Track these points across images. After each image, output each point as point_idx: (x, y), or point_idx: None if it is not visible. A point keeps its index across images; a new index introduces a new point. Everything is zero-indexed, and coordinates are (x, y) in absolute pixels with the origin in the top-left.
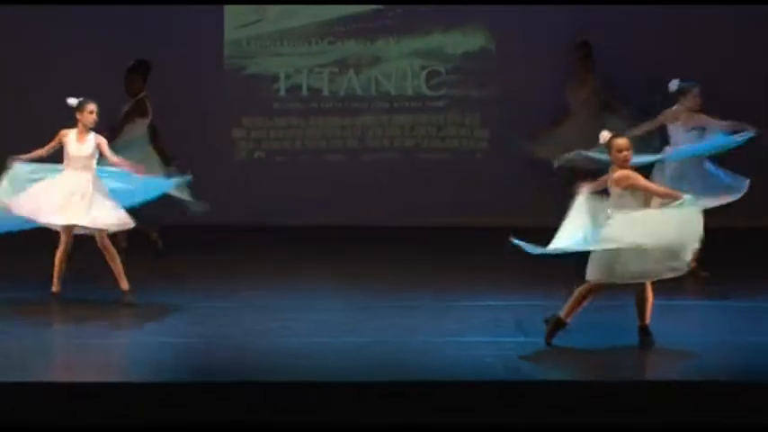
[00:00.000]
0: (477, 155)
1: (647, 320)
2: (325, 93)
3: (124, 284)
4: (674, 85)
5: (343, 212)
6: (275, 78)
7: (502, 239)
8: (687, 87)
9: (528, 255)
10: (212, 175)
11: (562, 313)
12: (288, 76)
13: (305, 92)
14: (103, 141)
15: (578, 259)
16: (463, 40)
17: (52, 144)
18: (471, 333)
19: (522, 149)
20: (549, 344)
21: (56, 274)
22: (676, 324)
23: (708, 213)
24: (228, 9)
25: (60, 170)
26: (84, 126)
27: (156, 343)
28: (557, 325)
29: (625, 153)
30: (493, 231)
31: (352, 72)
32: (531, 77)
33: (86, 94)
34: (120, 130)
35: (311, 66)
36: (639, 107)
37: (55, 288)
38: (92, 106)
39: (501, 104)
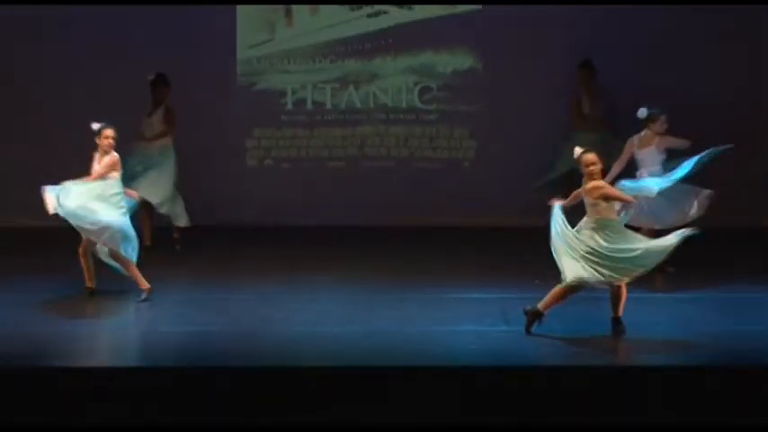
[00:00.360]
0: (465, 163)
1: (621, 312)
2: (328, 106)
3: (143, 285)
4: (642, 113)
5: (344, 214)
6: (283, 93)
7: (488, 238)
8: (656, 114)
9: (511, 253)
10: (227, 181)
11: (541, 305)
12: (294, 92)
13: (309, 105)
14: (114, 160)
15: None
16: (452, 60)
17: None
18: (460, 323)
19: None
20: (528, 332)
21: (84, 272)
22: (648, 315)
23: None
24: (241, 31)
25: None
26: (102, 149)
27: (176, 332)
28: (535, 316)
29: (591, 168)
30: (479, 231)
31: (352, 87)
32: (514, 94)
33: (108, 107)
34: (169, 134)
35: (315, 82)
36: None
37: (88, 283)
38: (108, 131)
39: (486, 118)
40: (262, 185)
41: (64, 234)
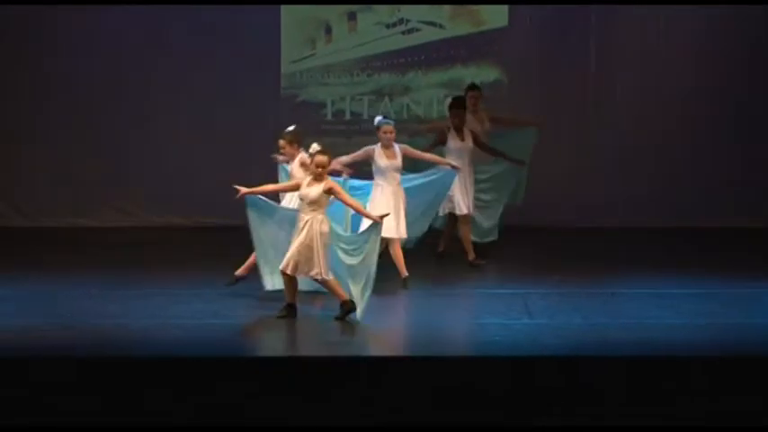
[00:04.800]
0: None
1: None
2: (365, 116)
3: (403, 272)
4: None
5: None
6: (323, 105)
7: (508, 237)
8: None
9: (532, 250)
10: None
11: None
12: (334, 103)
13: (348, 116)
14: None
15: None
16: (479, 73)
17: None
18: (484, 316)
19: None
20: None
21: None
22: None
23: (700, 212)
24: (285, 47)
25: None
26: (384, 144)
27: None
28: (348, 308)
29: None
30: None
31: (387, 99)
32: (535, 103)
33: (164, 116)
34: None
35: (353, 94)
36: None
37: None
38: (388, 127)
39: None
40: None
41: None
